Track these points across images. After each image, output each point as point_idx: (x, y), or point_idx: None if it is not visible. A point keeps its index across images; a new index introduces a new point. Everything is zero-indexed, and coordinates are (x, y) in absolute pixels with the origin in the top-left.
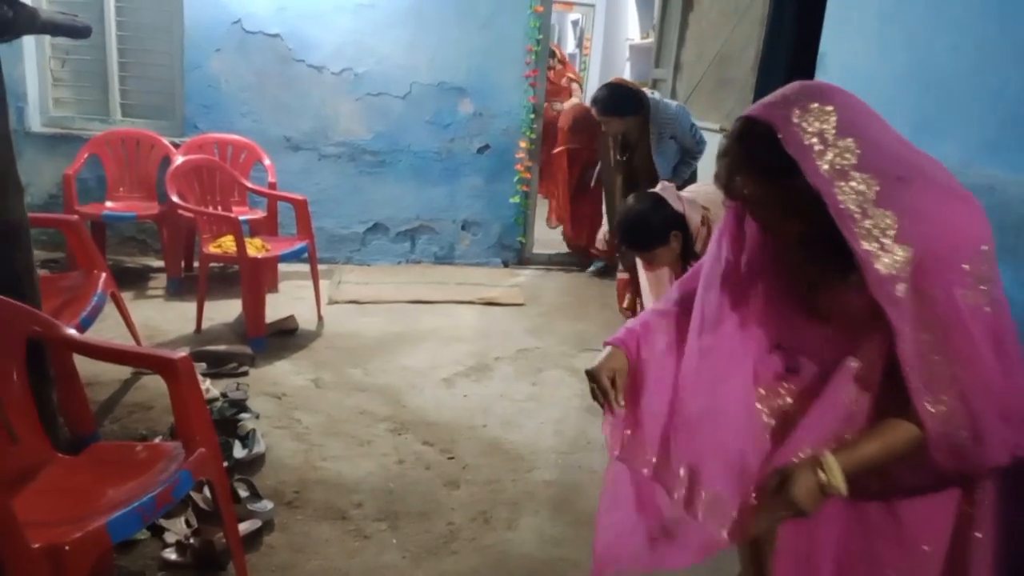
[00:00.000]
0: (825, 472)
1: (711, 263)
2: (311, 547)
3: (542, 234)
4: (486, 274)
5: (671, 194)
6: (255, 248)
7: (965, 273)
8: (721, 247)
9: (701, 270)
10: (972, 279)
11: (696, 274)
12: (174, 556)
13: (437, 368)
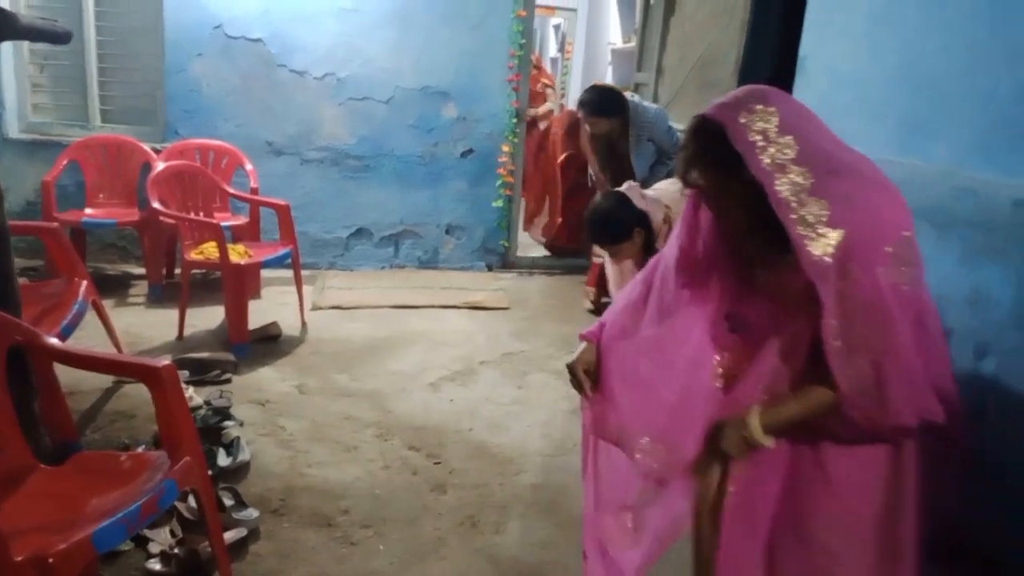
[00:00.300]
0: (749, 428)
1: (670, 249)
2: (298, 555)
3: (526, 237)
4: (470, 278)
5: (635, 193)
6: (238, 254)
7: (887, 255)
8: (679, 234)
9: (661, 259)
10: (893, 260)
11: (656, 265)
12: (159, 566)
13: (423, 373)
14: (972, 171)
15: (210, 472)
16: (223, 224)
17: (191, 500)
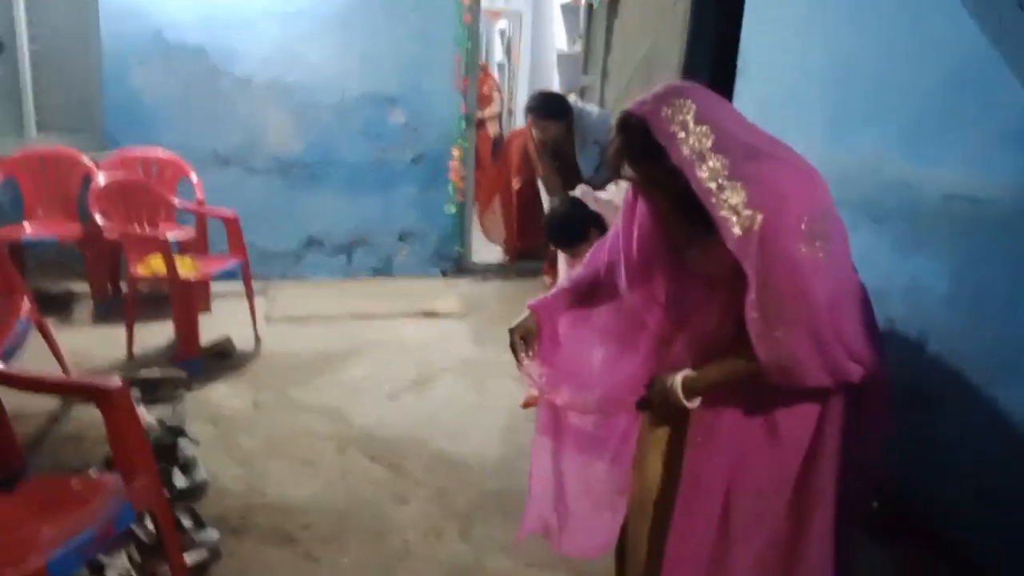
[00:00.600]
0: (673, 387)
1: (612, 237)
2: (260, 573)
3: (480, 243)
4: (425, 285)
5: (589, 197)
6: (185, 268)
7: (802, 232)
8: (619, 221)
9: (605, 247)
10: (808, 235)
11: (600, 249)
12: None
13: (380, 383)
14: (901, 164)
15: (167, 493)
16: (169, 238)
17: (148, 523)
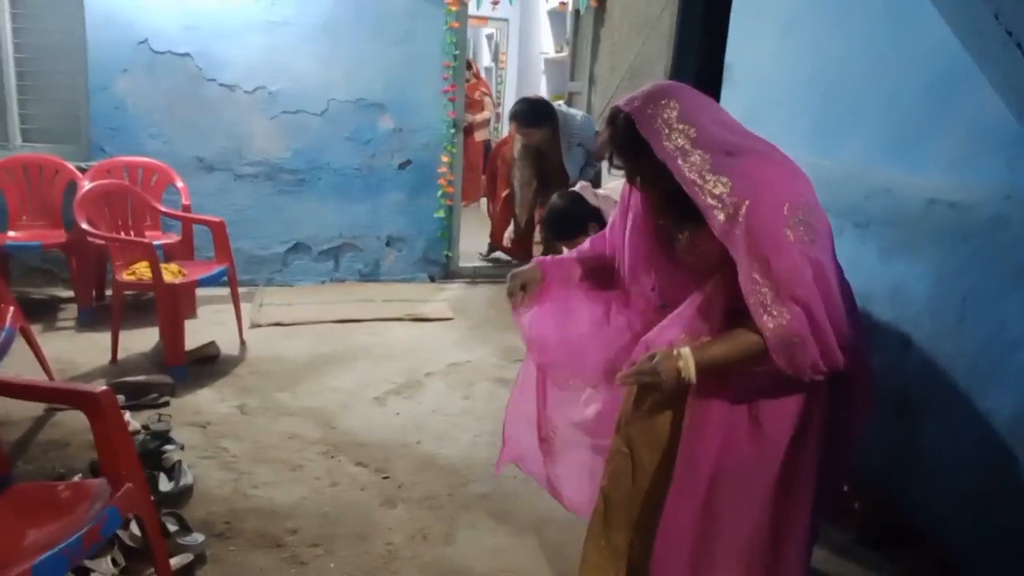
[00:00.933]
0: (683, 360)
1: (610, 227)
2: None
3: (468, 247)
4: (413, 290)
5: (588, 192)
6: (171, 274)
7: (785, 216)
8: (616, 211)
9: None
10: (791, 220)
11: (602, 236)
12: None
13: (367, 387)
14: (884, 171)
15: (152, 498)
16: (155, 243)
17: (133, 528)
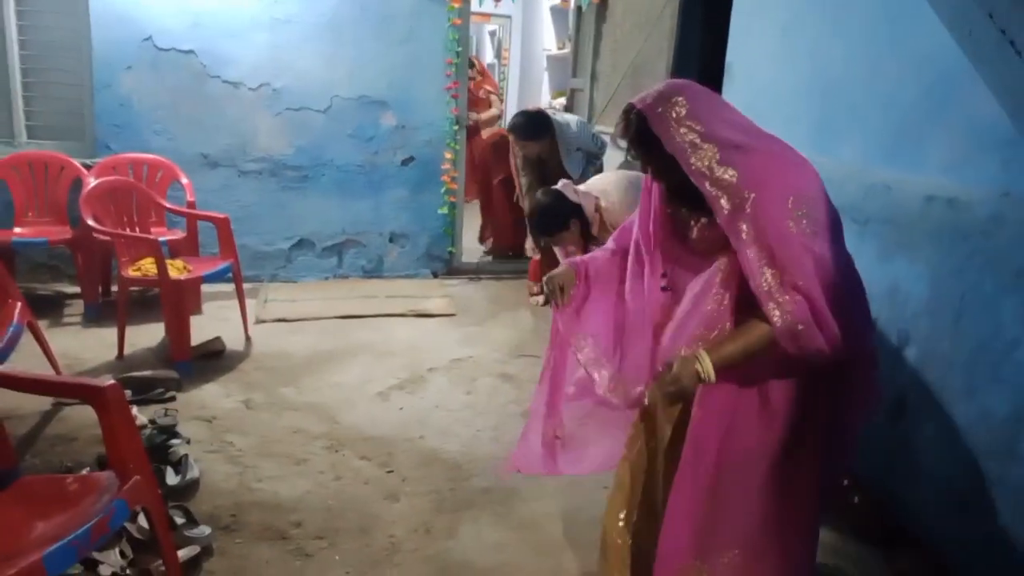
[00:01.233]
0: (700, 363)
1: (635, 218)
2: (251, 570)
3: (471, 243)
4: (416, 286)
5: (569, 189)
6: (176, 270)
7: (788, 208)
8: (640, 202)
9: (631, 224)
10: (794, 212)
11: (627, 228)
12: None
13: (371, 382)
14: (882, 169)
15: (159, 491)
16: (160, 239)
17: (141, 520)
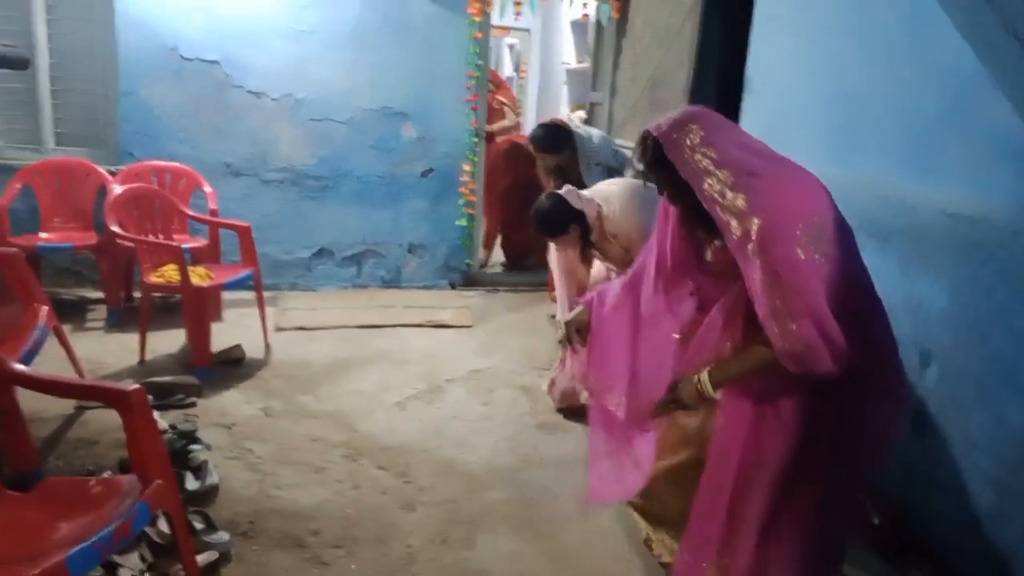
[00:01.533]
0: (701, 384)
1: (649, 254)
2: None
3: (498, 266)
4: (434, 296)
5: (573, 195)
6: (199, 277)
7: (796, 235)
8: (657, 225)
9: (644, 264)
10: (802, 238)
11: (646, 250)
12: None
13: (388, 392)
14: (902, 183)
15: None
16: (183, 246)
17: (161, 524)
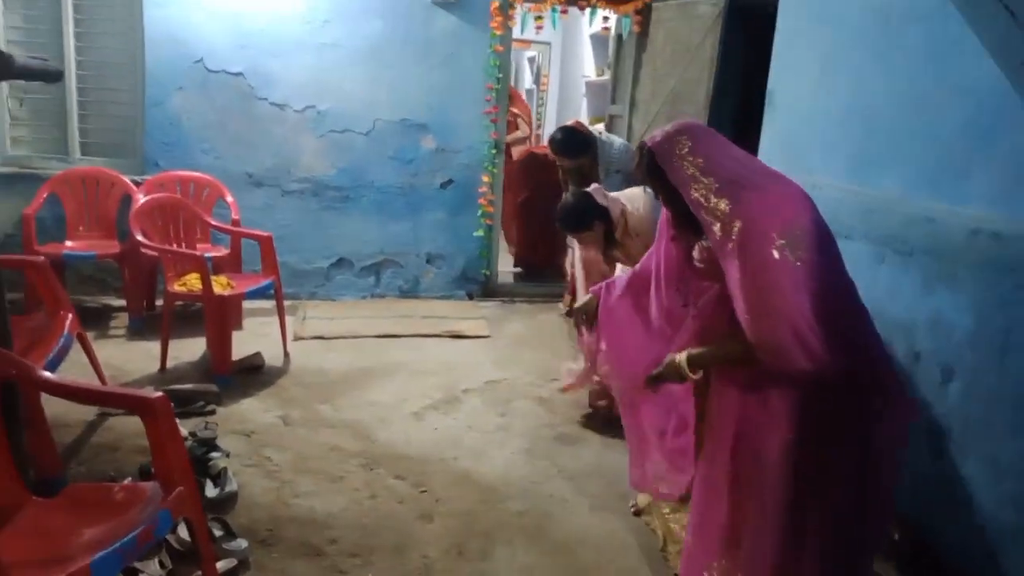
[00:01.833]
0: (679, 363)
1: (653, 257)
2: None
3: (506, 266)
4: (451, 307)
5: (599, 193)
6: (220, 285)
7: (773, 237)
8: (659, 229)
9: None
10: (779, 242)
11: (650, 253)
12: None
13: (406, 402)
14: (925, 201)
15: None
16: (206, 255)
17: (181, 531)
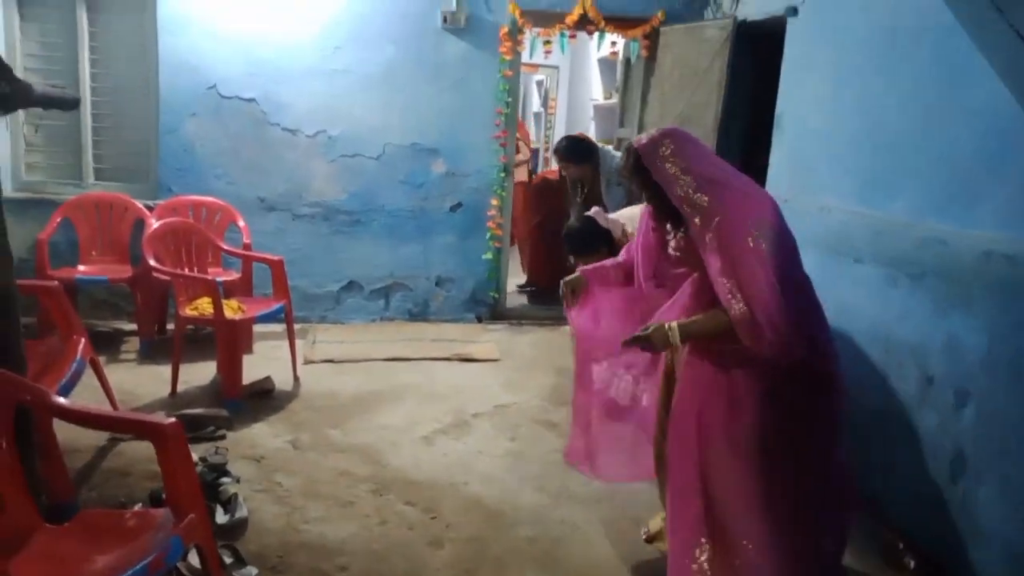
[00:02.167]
0: (671, 330)
1: (636, 240)
2: None
3: (513, 288)
4: (460, 330)
5: (600, 216)
6: (232, 310)
7: (747, 228)
8: (640, 225)
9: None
10: (752, 231)
11: (631, 245)
12: None
13: (416, 426)
14: (933, 225)
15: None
16: (217, 280)
17: (191, 558)
